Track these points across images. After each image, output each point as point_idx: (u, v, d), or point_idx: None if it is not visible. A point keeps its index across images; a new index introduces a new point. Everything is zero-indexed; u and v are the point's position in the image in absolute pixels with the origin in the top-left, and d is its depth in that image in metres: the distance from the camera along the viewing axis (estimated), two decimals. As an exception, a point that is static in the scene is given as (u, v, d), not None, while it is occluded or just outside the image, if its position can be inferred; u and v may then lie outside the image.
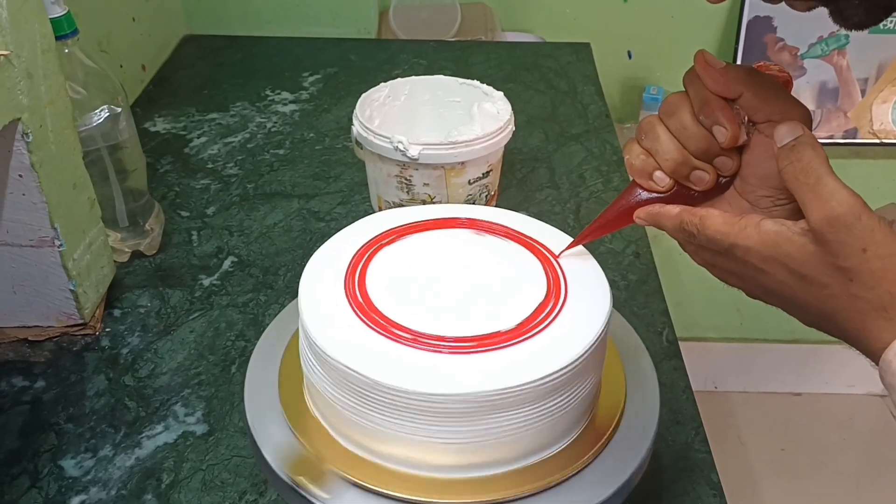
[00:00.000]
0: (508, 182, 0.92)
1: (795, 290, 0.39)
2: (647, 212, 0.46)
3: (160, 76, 1.18)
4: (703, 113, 0.43)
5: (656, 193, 0.46)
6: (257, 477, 0.58)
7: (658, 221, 0.45)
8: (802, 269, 0.38)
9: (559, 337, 0.44)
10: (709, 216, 0.42)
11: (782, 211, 0.43)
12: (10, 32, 0.56)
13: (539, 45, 1.33)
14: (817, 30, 1.44)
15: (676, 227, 0.44)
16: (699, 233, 0.42)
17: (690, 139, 0.44)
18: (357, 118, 0.79)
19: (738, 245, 0.40)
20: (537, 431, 0.44)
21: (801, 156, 0.39)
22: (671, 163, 0.44)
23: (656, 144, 0.45)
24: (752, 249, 0.40)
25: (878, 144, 1.52)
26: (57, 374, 0.67)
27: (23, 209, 0.62)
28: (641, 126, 0.46)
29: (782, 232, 0.39)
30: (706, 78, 0.43)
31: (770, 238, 0.39)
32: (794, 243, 0.38)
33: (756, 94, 0.42)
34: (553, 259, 0.50)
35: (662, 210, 0.45)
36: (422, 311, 0.46)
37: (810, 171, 0.38)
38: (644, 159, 0.45)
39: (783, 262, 0.39)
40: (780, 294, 0.40)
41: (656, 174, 0.45)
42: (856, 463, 1.67)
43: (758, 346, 1.75)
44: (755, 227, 0.40)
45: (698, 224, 0.42)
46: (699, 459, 0.61)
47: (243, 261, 0.80)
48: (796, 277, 0.39)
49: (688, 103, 0.44)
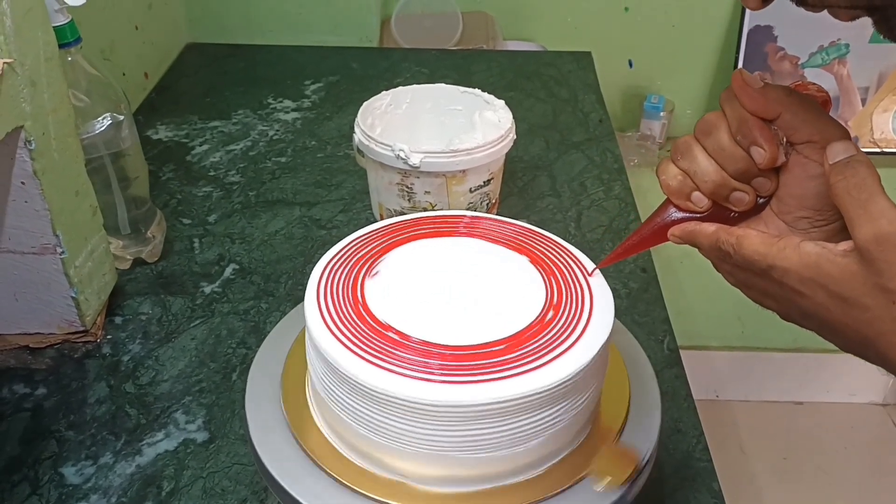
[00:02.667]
0: (509, 190, 0.92)
1: (835, 313, 0.38)
2: (683, 230, 0.45)
3: (163, 84, 1.18)
4: (741, 133, 0.42)
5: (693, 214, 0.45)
6: (258, 485, 0.58)
7: (694, 240, 0.45)
8: (844, 291, 0.37)
9: (561, 347, 0.44)
10: (746, 236, 0.41)
11: (820, 233, 0.42)
12: (14, 40, 0.56)
13: (540, 54, 1.33)
14: (818, 39, 1.44)
15: (712, 245, 0.43)
16: (736, 253, 0.41)
17: (728, 160, 0.43)
18: (359, 126, 0.79)
19: (777, 266, 0.39)
20: (539, 441, 0.44)
21: (855, 172, 0.38)
22: (710, 184, 0.44)
23: (694, 165, 0.44)
24: (791, 271, 0.39)
25: (879, 153, 1.52)
26: (58, 382, 0.67)
27: (25, 216, 0.62)
28: (677, 146, 0.45)
29: (823, 254, 0.38)
30: (744, 98, 0.42)
31: (810, 259, 0.38)
32: (836, 264, 0.37)
33: (795, 115, 0.42)
34: (554, 267, 0.51)
35: (698, 228, 0.44)
36: (422, 320, 0.46)
37: (863, 187, 0.37)
38: (681, 180, 0.45)
39: (823, 284, 0.38)
40: (818, 317, 0.39)
41: (694, 195, 0.45)
42: (857, 471, 1.67)
43: (759, 355, 1.75)
44: (794, 248, 0.39)
45: (735, 244, 0.41)
46: (701, 468, 0.61)
47: (245, 268, 0.80)
48: (836, 300, 0.38)
49: (725, 123, 0.43)
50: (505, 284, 0.49)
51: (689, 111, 1.56)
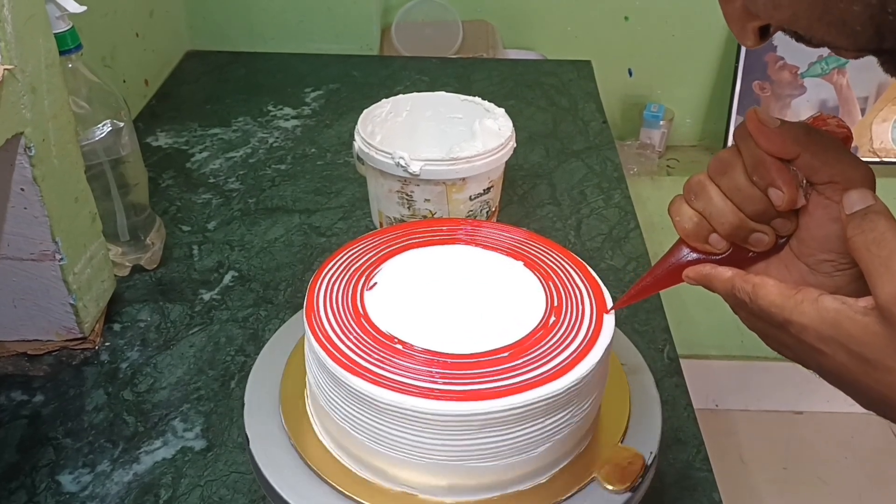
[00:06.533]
0: (509, 198, 0.92)
1: (857, 373, 0.36)
2: (698, 273, 0.43)
3: (163, 91, 1.18)
4: (758, 174, 0.40)
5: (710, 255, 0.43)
6: (256, 493, 0.57)
7: (709, 284, 0.42)
8: (866, 352, 0.35)
9: (565, 353, 0.44)
10: (762, 285, 0.39)
11: (844, 276, 0.40)
12: (15, 47, 0.56)
13: (540, 63, 1.34)
14: (817, 49, 1.45)
15: (728, 292, 0.41)
16: (751, 302, 0.39)
17: (746, 201, 0.41)
18: (359, 134, 0.79)
19: (794, 322, 0.37)
20: (539, 451, 0.44)
21: (874, 225, 0.35)
22: (728, 226, 0.42)
23: (710, 207, 0.42)
24: (809, 328, 0.36)
25: (879, 163, 1.52)
26: (56, 389, 0.66)
27: (24, 223, 0.62)
28: (690, 185, 0.43)
29: (843, 310, 0.35)
30: (760, 138, 0.40)
31: (830, 316, 0.36)
32: (857, 323, 0.35)
33: (815, 155, 0.39)
34: (554, 276, 0.50)
35: (714, 272, 0.42)
36: (423, 328, 0.45)
37: (883, 243, 0.35)
38: (697, 222, 0.42)
39: (843, 343, 0.35)
40: (838, 376, 0.37)
41: (712, 237, 0.43)
42: (857, 481, 1.66)
43: (759, 365, 1.75)
44: (813, 302, 0.36)
45: (751, 293, 0.39)
46: (701, 478, 0.60)
47: (244, 275, 0.80)
48: (858, 360, 0.35)
49: (740, 161, 0.41)
50: (505, 292, 0.49)
51: (689, 120, 1.56)
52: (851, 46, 0.34)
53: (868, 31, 0.32)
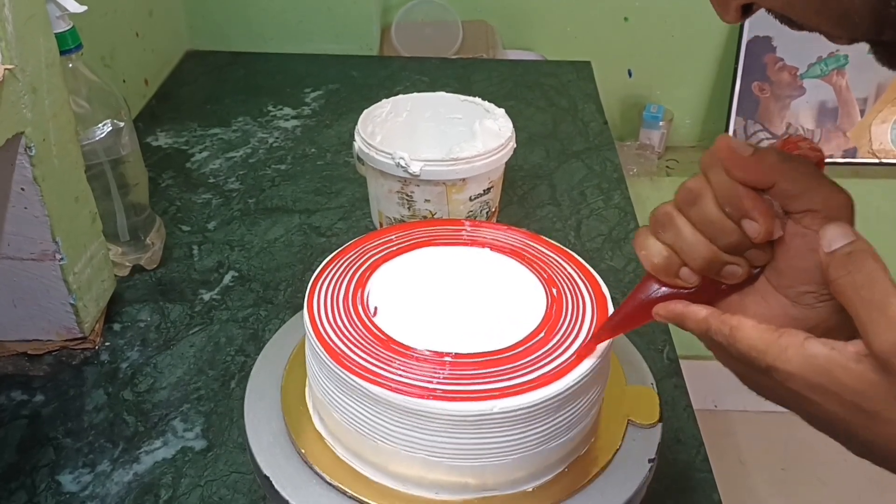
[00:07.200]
0: (509, 199, 0.92)
1: (853, 424, 0.33)
2: (669, 310, 0.40)
3: (163, 91, 1.18)
4: (730, 205, 0.37)
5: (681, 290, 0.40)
6: (256, 493, 0.57)
7: (682, 323, 0.39)
8: (863, 403, 0.32)
9: (566, 354, 0.44)
10: (741, 327, 0.35)
11: (826, 307, 0.37)
12: (16, 46, 0.56)
13: (540, 63, 1.34)
14: (817, 50, 1.45)
15: (703, 333, 0.38)
16: (729, 346, 0.36)
17: (718, 233, 0.38)
18: (359, 134, 0.79)
19: (779, 369, 0.34)
20: (538, 452, 0.44)
21: (860, 266, 0.33)
22: (700, 261, 0.38)
23: (680, 240, 0.39)
24: (796, 375, 0.33)
25: (878, 164, 1.52)
26: (56, 389, 0.66)
27: (24, 223, 0.62)
28: (657, 217, 0.39)
29: (834, 357, 0.32)
30: (733, 168, 0.37)
31: (819, 363, 0.33)
32: (851, 372, 0.32)
33: (791, 183, 0.36)
34: (554, 276, 0.50)
35: (687, 311, 0.39)
36: (426, 328, 0.45)
37: (874, 285, 0.32)
38: (667, 256, 0.39)
39: (836, 393, 0.33)
40: (829, 423, 0.35)
41: (683, 272, 0.39)
42: (856, 482, 1.66)
43: (758, 365, 1.75)
44: (798, 348, 0.33)
45: (728, 336, 0.36)
46: (701, 478, 0.60)
47: (244, 275, 0.80)
48: (854, 411, 0.32)
49: (710, 191, 0.38)
50: (505, 292, 0.49)
51: (688, 121, 1.56)
52: (846, 35, 0.32)
53: (867, 22, 0.31)
